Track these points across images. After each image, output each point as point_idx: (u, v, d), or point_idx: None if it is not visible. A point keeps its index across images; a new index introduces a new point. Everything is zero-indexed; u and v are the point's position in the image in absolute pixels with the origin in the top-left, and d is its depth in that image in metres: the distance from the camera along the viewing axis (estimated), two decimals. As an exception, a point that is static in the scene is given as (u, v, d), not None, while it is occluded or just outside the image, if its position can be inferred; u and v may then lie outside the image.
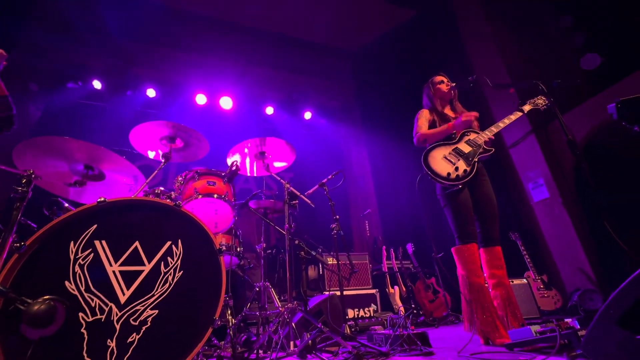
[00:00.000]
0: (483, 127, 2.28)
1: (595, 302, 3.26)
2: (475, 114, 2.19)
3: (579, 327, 1.44)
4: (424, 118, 2.34)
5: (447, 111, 2.39)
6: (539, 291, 3.56)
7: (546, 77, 1.91)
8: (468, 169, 2.05)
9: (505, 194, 4.51)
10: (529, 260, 3.73)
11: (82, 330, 1.19)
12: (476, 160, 2.09)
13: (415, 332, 1.88)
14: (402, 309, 3.62)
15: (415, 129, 2.33)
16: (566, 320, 1.53)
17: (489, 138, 2.17)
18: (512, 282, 3.35)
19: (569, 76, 4.39)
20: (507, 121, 2.19)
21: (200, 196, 2.15)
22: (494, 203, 2.14)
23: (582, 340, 1.10)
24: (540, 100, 2.24)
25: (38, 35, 4.85)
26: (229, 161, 2.53)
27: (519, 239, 3.85)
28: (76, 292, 1.23)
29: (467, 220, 2.05)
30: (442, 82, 2.39)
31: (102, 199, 1.36)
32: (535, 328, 1.53)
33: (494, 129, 2.18)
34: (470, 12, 5.23)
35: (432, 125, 2.33)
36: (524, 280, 3.47)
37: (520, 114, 2.22)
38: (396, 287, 3.89)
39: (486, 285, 2.01)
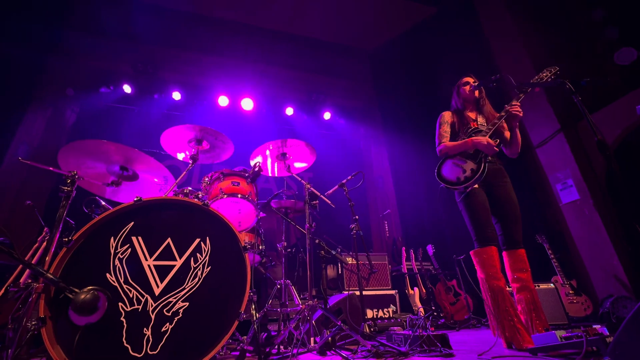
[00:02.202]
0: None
1: (630, 309, 3.10)
2: (492, 142, 2.07)
3: (607, 333, 1.39)
4: (445, 124, 2.32)
5: (470, 113, 2.36)
6: (568, 296, 3.42)
7: (577, 73, 1.85)
8: (475, 167, 2.03)
9: (530, 195, 4.36)
10: (556, 264, 3.59)
11: (122, 319, 1.29)
12: (483, 156, 2.06)
13: (435, 333, 1.88)
14: (421, 310, 3.59)
15: (437, 137, 2.32)
16: (594, 326, 1.48)
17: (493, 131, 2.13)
18: (538, 286, 3.24)
19: (602, 72, 4.18)
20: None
21: (225, 196, 2.25)
22: (515, 204, 2.10)
23: (609, 347, 1.08)
24: (545, 73, 2.11)
25: (75, 42, 5.20)
26: (252, 163, 2.62)
27: (545, 242, 3.72)
28: (116, 284, 1.34)
29: (485, 223, 2.03)
30: (467, 83, 2.36)
31: (138, 198, 1.47)
32: (560, 333, 1.50)
33: (497, 122, 2.14)
34: (492, 8, 5.07)
35: (452, 127, 2.31)
36: (551, 285, 3.35)
37: (522, 95, 2.15)
38: (416, 289, 3.86)
39: (508, 288, 1.98)
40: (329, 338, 1.88)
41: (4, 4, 4.55)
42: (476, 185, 2.09)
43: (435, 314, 3.64)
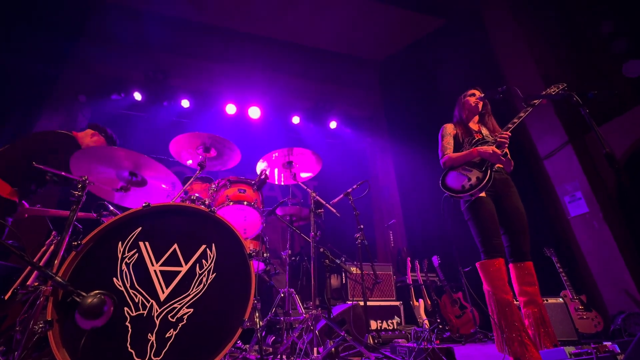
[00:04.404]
0: (514, 137, 2.22)
1: (642, 327, 3.01)
2: (498, 152, 2.06)
3: (619, 351, 1.36)
4: (448, 136, 2.31)
5: (473, 125, 2.36)
6: (577, 312, 3.34)
7: (585, 85, 1.85)
8: (481, 175, 2.03)
9: (538, 207, 4.30)
10: (565, 278, 3.51)
11: (127, 323, 1.30)
12: (489, 165, 2.05)
13: (440, 347, 1.85)
14: (426, 322, 3.53)
15: (440, 149, 2.32)
16: (605, 343, 1.45)
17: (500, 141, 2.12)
18: (547, 300, 3.17)
19: (611, 84, 4.16)
20: (516, 121, 2.14)
21: (231, 203, 2.26)
22: (522, 215, 2.07)
23: (621, 364, 1.05)
24: (553, 89, 2.12)
25: (87, 51, 5.36)
26: (259, 170, 2.64)
27: (554, 255, 3.65)
28: (122, 288, 1.35)
29: (492, 234, 2.00)
30: (473, 95, 2.37)
31: (147, 204, 1.49)
32: (569, 349, 1.46)
33: (497, 139, 2.14)
34: (499, 19, 5.12)
35: (455, 138, 2.31)
36: (560, 300, 3.28)
37: (530, 109, 2.14)
38: (421, 300, 3.80)
39: (515, 302, 1.94)
40: (333, 349, 1.86)
41: (20, 14, 4.72)
42: (483, 194, 2.08)
43: (440, 326, 3.57)
